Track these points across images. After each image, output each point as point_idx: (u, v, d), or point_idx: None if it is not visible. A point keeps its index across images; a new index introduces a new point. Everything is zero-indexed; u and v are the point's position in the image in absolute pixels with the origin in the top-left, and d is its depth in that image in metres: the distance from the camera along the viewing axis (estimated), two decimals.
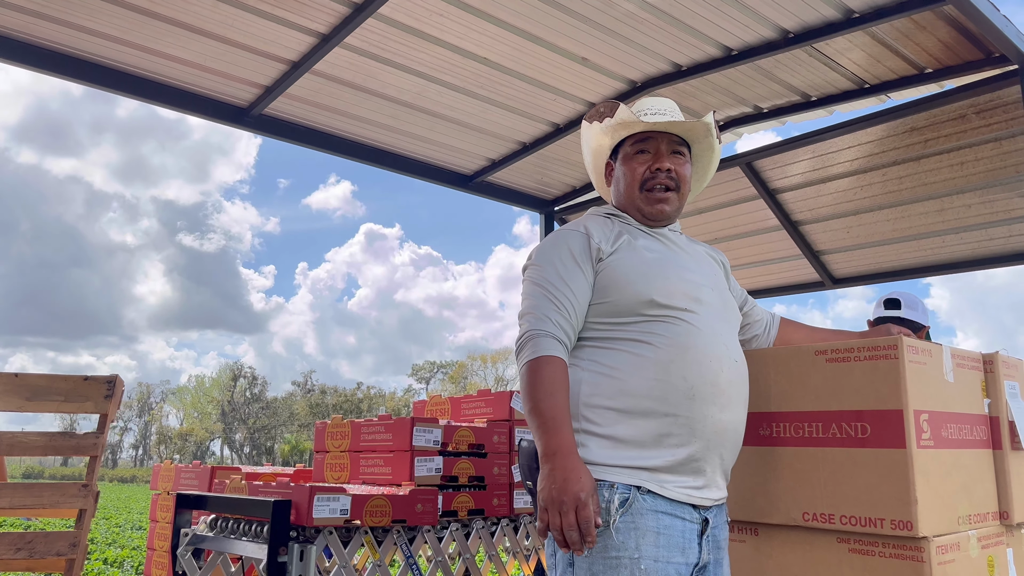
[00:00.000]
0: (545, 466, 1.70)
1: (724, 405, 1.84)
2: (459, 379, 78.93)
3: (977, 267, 5.28)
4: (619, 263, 1.90)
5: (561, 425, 1.72)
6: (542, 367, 1.78)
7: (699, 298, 1.90)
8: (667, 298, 1.85)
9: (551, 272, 1.89)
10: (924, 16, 3.56)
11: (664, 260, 1.95)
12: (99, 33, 3.77)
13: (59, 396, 3.17)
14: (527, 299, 1.91)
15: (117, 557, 9.91)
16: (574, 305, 1.86)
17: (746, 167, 5.18)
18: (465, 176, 5.49)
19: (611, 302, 1.87)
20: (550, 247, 1.95)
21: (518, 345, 1.86)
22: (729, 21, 3.77)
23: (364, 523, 2.80)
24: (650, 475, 1.76)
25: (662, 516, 1.75)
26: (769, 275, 6.18)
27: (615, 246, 1.94)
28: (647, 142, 2.05)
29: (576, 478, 1.65)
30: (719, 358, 1.86)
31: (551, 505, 1.65)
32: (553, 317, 1.84)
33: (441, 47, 4.02)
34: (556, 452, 1.69)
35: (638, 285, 1.86)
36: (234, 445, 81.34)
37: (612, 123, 2.05)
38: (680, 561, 1.75)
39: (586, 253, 1.91)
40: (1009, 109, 4.09)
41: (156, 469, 4.32)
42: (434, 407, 4.01)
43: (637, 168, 2.04)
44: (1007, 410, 2.23)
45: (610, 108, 2.04)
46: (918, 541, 1.86)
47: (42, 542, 3.05)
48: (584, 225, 1.99)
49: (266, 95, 4.31)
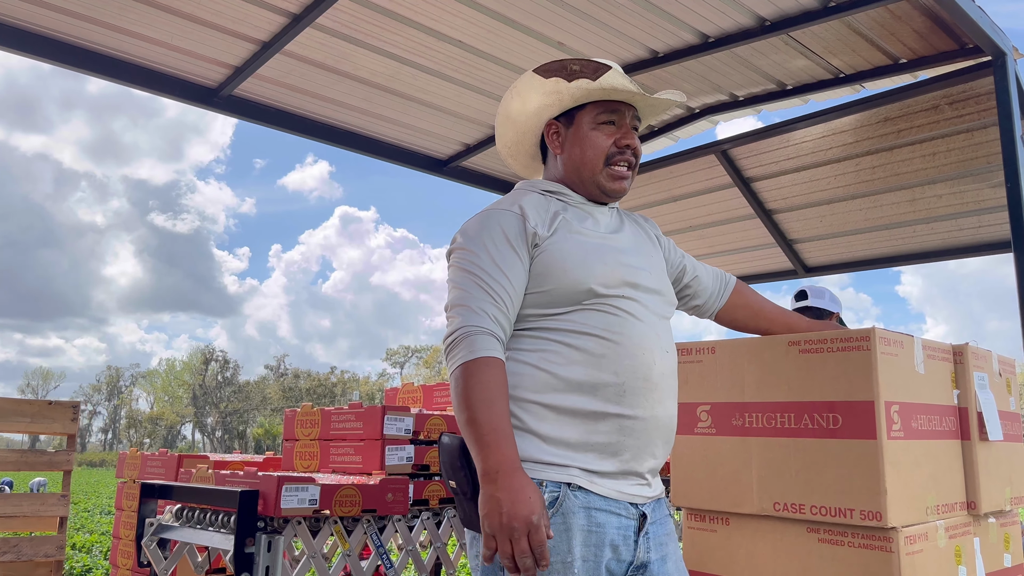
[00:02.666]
0: (487, 487, 1.52)
1: (657, 400, 1.72)
2: (433, 364, 78.91)
3: (948, 257, 5.35)
4: (556, 248, 1.73)
5: (502, 439, 1.55)
6: (479, 371, 1.59)
7: (636, 283, 1.76)
8: (605, 286, 1.70)
9: (484, 258, 1.70)
10: (900, 6, 3.56)
11: (602, 244, 1.79)
12: (62, 10, 3.65)
13: (25, 418, 3.41)
14: (457, 288, 1.70)
15: (86, 542, 9.79)
16: (511, 295, 1.69)
17: (721, 155, 5.18)
18: (439, 160, 5.43)
19: (547, 291, 1.71)
20: (481, 229, 1.75)
21: (449, 342, 1.66)
22: (706, 7, 3.74)
23: (333, 513, 2.77)
24: (580, 472, 1.64)
25: (594, 513, 1.63)
26: (743, 263, 6.20)
27: (552, 228, 1.76)
28: (615, 113, 1.87)
29: (524, 499, 1.50)
30: (651, 350, 1.72)
31: (500, 532, 1.49)
32: (489, 311, 1.65)
33: (415, 29, 3.95)
34: (499, 470, 1.52)
35: (577, 273, 1.70)
36: (205, 429, 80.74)
37: (592, 87, 1.83)
38: (611, 558, 1.64)
39: (522, 236, 1.73)
40: (981, 100, 4.11)
41: (122, 457, 4.25)
42: (406, 395, 3.97)
43: (603, 140, 1.85)
44: (976, 401, 2.24)
45: (591, 69, 1.82)
46: (887, 531, 1.87)
47: (28, 545, 3.29)
48: (519, 204, 1.79)
49: (236, 76, 4.22)
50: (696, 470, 2.11)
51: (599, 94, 1.85)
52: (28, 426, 3.42)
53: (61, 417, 3.49)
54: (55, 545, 3.34)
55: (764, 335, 2.18)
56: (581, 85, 1.83)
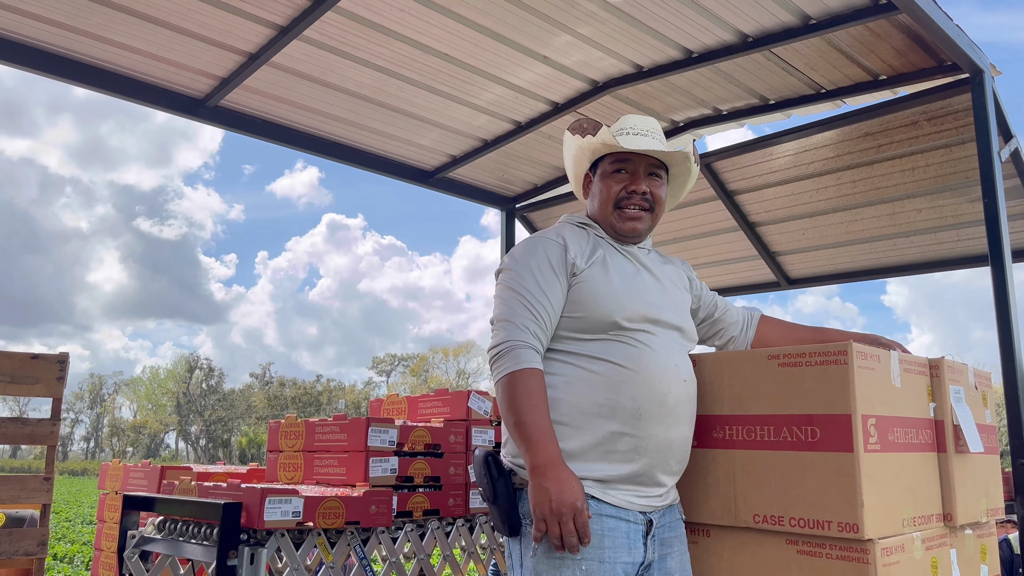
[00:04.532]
0: (536, 479, 1.77)
1: (671, 424, 1.93)
2: (420, 372, 78.65)
3: (927, 270, 5.41)
4: (591, 280, 1.95)
5: (547, 438, 1.79)
6: (524, 380, 1.82)
7: (658, 319, 1.98)
8: (628, 320, 1.92)
9: (528, 279, 1.93)
10: (879, 24, 3.61)
11: (631, 282, 2.01)
12: (49, 21, 3.65)
13: (5, 377, 2.91)
14: (504, 305, 1.93)
15: (67, 552, 9.69)
16: (550, 315, 1.92)
17: (705, 168, 5.22)
18: (426, 172, 5.45)
19: (580, 317, 1.93)
20: (528, 253, 1.98)
21: (495, 353, 1.89)
22: (689, 24, 3.79)
23: (317, 525, 2.77)
24: (595, 484, 1.86)
25: (606, 519, 1.85)
26: (726, 275, 6.25)
27: (589, 261, 1.99)
28: (626, 162, 2.09)
29: (569, 488, 1.76)
30: (668, 379, 1.94)
31: (550, 516, 1.75)
32: (531, 327, 1.88)
33: (401, 42, 3.97)
34: (546, 465, 1.77)
35: (607, 306, 1.92)
36: (189, 438, 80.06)
37: (594, 142, 2.08)
38: (627, 560, 1.85)
39: (563, 264, 1.97)
40: (959, 116, 4.18)
41: (104, 468, 4.23)
42: (391, 406, 3.98)
43: (613, 187, 2.08)
44: (952, 414, 2.28)
45: (593, 127, 2.08)
46: (864, 543, 1.90)
47: (7, 541, 2.86)
48: (562, 236, 2.02)
49: (222, 86, 4.22)
50: (678, 483, 2.13)
51: (603, 148, 2.10)
52: (7, 387, 2.90)
53: (46, 376, 2.95)
54: (36, 541, 2.91)
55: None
56: (590, 141, 2.10)
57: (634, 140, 2.06)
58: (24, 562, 2.96)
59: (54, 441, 2.99)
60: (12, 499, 2.95)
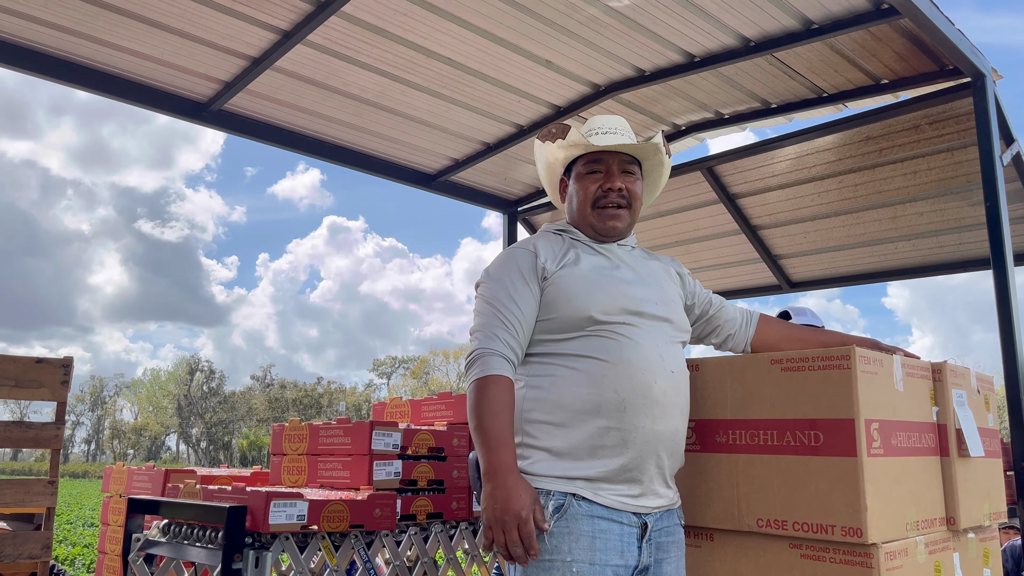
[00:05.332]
0: (487, 484, 1.79)
1: (657, 416, 1.92)
2: (420, 374, 78.66)
3: (929, 273, 5.42)
4: (562, 280, 1.99)
5: (502, 444, 1.81)
6: (488, 386, 1.86)
7: (640, 311, 1.99)
8: (605, 313, 1.94)
9: (501, 290, 1.98)
10: (881, 29, 3.62)
11: (606, 276, 2.03)
12: (53, 25, 3.66)
13: (9, 381, 2.88)
14: (478, 316, 1.99)
15: (68, 555, 9.70)
16: (521, 323, 1.95)
17: (707, 172, 5.23)
18: (428, 175, 5.46)
19: (554, 318, 1.96)
20: (500, 265, 2.04)
21: (467, 362, 1.95)
22: (692, 28, 3.80)
23: (321, 528, 2.78)
24: (586, 483, 1.86)
25: (598, 521, 1.84)
26: (728, 278, 6.26)
27: (561, 263, 2.02)
28: (599, 162, 2.12)
29: (516, 496, 1.76)
30: (653, 371, 1.93)
31: (494, 524, 1.76)
32: (501, 336, 1.92)
33: (405, 46, 3.99)
34: (496, 471, 1.78)
35: (579, 301, 1.95)
36: (190, 440, 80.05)
37: (564, 144, 2.11)
38: (619, 563, 1.84)
39: (533, 271, 2.00)
40: (961, 120, 4.19)
41: (108, 471, 4.23)
42: (394, 409, 3.99)
43: (589, 187, 2.11)
44: (954, 418, 2.29)
45: (561, 130, 2.11)
46: (867, 547, 1.90)
47: (11, 544, 2.83)
48: (534, 244, 2.07)
49: (226, 91, 4.23)
50: (680, 486, 2.14)
51: (574, 150, 2.13)
52: (12, 391, 2.89)
53: (50, 380, 2.93)
54: (40, 545, 2.86)
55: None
56: (556, 145, 2.13)
57: (604, 138, 2.09)
58: (28, 566, 2.95)
59: (58, 445, 2.96)
60: (16, 503, 2.92)
